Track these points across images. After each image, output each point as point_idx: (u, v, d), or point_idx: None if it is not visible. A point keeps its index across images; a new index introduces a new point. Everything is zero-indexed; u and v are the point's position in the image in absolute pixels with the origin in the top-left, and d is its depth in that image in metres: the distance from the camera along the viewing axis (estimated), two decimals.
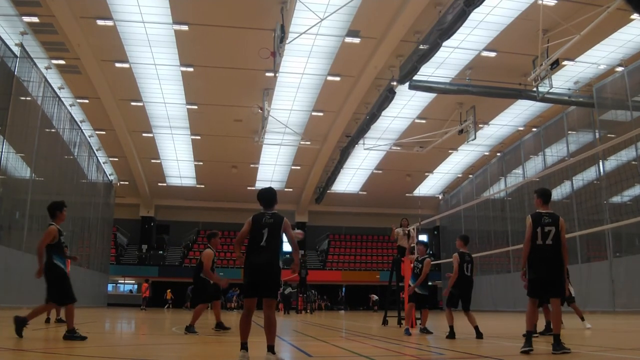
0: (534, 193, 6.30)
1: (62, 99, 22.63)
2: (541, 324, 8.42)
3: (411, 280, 9.76)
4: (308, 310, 25.95)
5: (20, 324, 6.49)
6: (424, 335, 9.04)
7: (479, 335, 7.81)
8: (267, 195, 5.20)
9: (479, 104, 23.98)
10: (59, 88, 22.85)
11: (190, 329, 8.49)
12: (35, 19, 19.41)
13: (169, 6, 18.96)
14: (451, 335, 8.03)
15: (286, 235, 5.06)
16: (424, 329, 9.48)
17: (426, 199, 38.53)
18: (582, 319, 10.20)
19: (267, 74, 22.43)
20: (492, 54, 21.62)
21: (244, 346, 4.68)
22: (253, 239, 4.98)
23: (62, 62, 22.53)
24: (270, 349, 4.63)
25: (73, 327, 6.58)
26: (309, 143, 30.07)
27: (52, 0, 18.17)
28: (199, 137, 30.38)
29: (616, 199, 21.04)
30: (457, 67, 22.74)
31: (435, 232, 41.54)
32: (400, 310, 12.26)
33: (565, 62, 21.17)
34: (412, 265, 10.05)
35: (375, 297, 34.61)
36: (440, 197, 40.45)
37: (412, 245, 12.73)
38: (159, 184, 37.78)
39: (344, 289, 36.81)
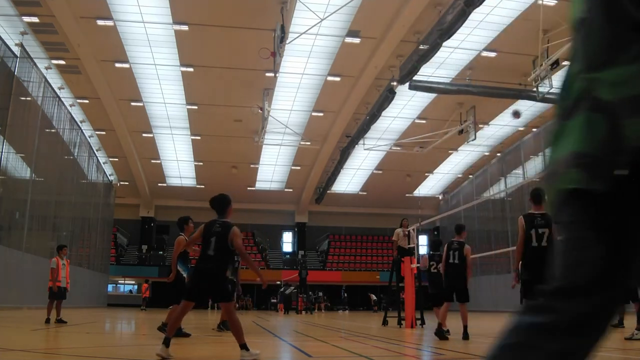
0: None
1: (62, 99, 22.65)
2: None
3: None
4: (308, 311, 25.95)
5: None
6: (423, 334, 9.02)
7: (466, 336, 7.74)
8: (218, 203, 5.20)
9: (479, 104, 23.96)
10: (59, 88, 22.85)
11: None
12: (35, 19, 19.40)
13: (169, 6, 18.95)
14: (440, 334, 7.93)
15: (234, 244, 4.94)
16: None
17: (426, 199, 38.46)
18: None
19: (267, 74, 22.40)
20: (492, 54, 21.61)
21: (166, 341, 4.68)
22: (203, 246, 5.02)
23: (62, 62, 22.51)
24: (242, 347, 4.64)
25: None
26: (309, 143, 30.05)
27: (52, 0, 18.17)
28: (199, 137, 30.37)
29: None
30: (457, 67, 22.73)
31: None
32: (400, 310, 12.25)
33: (565, 62, 21.12)
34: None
35: (374, 297, 34.56)
36: (440, 198, 40.42)
37: (412, 246, 12.73)
38: (159, 184, 37.75)
39: (342, 289, 36.75)
